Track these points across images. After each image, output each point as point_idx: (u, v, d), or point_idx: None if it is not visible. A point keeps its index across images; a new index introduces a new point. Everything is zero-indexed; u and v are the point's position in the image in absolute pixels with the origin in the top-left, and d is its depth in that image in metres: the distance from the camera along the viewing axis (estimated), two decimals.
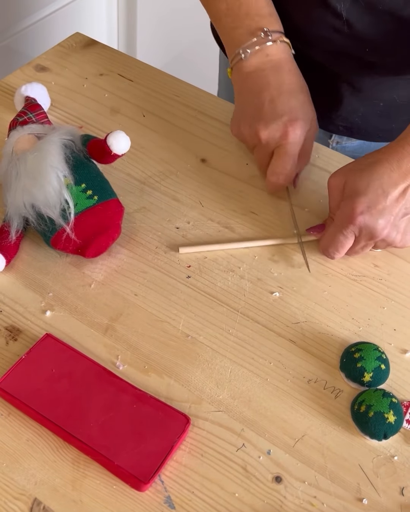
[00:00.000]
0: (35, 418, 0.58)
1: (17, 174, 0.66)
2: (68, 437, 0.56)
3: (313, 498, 0.56)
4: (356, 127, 0.87)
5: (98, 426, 0.56)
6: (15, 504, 0.54)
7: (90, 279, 0.69)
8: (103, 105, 0.87)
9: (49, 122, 0.75)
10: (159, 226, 0.74)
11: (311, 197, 0.78)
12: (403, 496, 0.57)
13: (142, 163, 0.80)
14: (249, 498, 0.56)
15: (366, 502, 0.56)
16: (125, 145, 0.68)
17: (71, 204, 0.65)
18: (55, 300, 0.67)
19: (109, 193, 0.69)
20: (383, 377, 0.62)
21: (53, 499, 0.55)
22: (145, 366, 0.63)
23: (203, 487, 0.56)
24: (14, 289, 0.67)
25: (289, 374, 0.63)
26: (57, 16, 1.44)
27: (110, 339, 0.64)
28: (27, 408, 0.57)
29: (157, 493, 0.55)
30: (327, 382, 0.63)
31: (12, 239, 0.68)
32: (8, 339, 0.64)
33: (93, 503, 0.55)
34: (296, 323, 0.67)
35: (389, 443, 0.59)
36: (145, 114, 0.86)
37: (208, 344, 0.65)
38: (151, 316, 0.66)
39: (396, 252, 0.74)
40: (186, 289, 0.69)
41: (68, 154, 0.67)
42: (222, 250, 0.71)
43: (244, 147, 0.82)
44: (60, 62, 0.92)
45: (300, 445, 0.59)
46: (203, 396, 0.61)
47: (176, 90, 0.90)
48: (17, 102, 0.80)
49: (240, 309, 0.68)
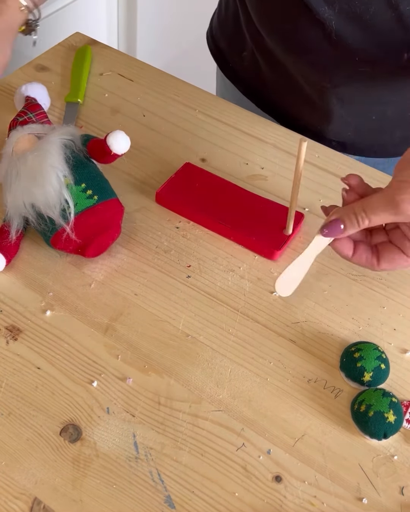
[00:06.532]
0: (188, 215, 0.75)
1: (17, 174, 0.66)
2: (215, 225, 0.73)
3: (313, 498, 0.56)
4: (350, 143, 0.87)
5: (235, 218, 0.73)
6: (15, 504, 0.54)
7: (90, 279, 0.69)
8: (103, 105, 0.87)
9: (49, 122, 0.75)
10: (159, 226, 0.74)
11: (311, 197, 0.78)
12: (403, 495, 0.57)
13: (142, 163, 0.80)
14: (249, 498, 0.56)
15: (366, 502, 0.56)
16: (125, 145, 0.68)
17: (71, 204, 0.65)
18: (55, 299, 0.67)
19: (109, 193, 0.69)
20: (383, 377, 0.62)
21: (53, 498, 0.55)
22: (146, 366, 0.63)
23: (204, 487, 0.56)
24: (14, 289, 0.67)
25: (289, 373, 0.63)
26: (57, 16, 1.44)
27: (110, 338, 0.64)
28: (183, 207, 0.74)
29: (157, 492, 0.55)
30: (327, 381, 0.63)
31: (12, 239, 0.68)
32: (8, 338, 0.64)
33: (93, 503, 0.55)
34: (296, 322, 0.67)
35: (389, 442, 0.59)
36: (145, 114, 0.86)
37: (208, 344, 0.65)
38: (151, 316, 0.66)
39: None
40: (187, 289, 0.69)
41: (68, 154, 0.67)
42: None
43: (244, 147, 0.82)
44: (60, 62, 0.92)
45: (300, 444, 0.59)
46: (203, 396, 0.61)
47: (176, 90, 0.90)
48: (17, 102, 0.80)
49: (240, 309, 0.68)
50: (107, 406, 0.60)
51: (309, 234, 0.74)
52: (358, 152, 0.86)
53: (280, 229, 0.73)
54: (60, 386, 0.61)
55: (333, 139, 0.86)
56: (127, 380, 0.62)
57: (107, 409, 0.60)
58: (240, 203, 0.75)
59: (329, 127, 0.85)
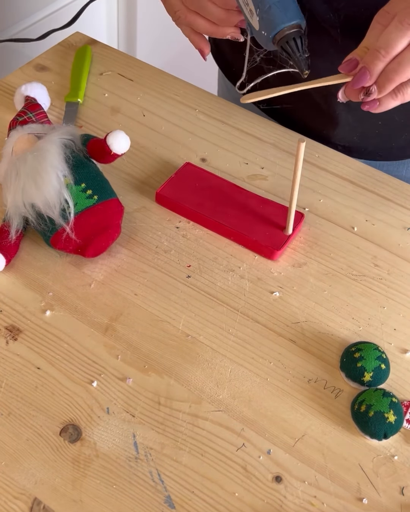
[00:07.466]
0: (188, 215, 0.75)
1: (17, 174, 0.66)
2: (216, 225, 0.73)
3: (313, 498, 0.56)
4: (355, 147, 0.87)
5: (235, 218, 0.73)
6: (15, 504, 0.54)
7: (90, 279, 0.69)
8: (103, 104, 0.87)
9: (49, 122, 0.75)
10: (159, 226, 0.74)
11: (311, 197, 0.78)
12: (403, 495, 0.57)
13: (142, 163, 0.80)
14: (249, 498, 0.56)
15: (366, 502, 0.56)
16: (125, 144, 0.68)
17: (71, 203, 0.65)
18: (55, 299, 0.67)
19: (109, 193, 0.69)
20: (383, 377, 0.62)
21: (53, 498, 0.55)
22: (145, 366, 0.63)
23: (204, 487, 0.56)
24: (14, 289, 0.67)
25: (289, 373, 0.63)
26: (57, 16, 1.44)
27: (110, 338, 0.64)
28: (183, 207, 0.74)
29: (157, 493, 0.55)
30: (327, 381, 0.63)
31: (12, 239, 0.68)
32: (8, 338, 0.64)
33: (93, 503, 0.55)
34: (296, 322, 0.67)
35: (389, 442, 0.59)
36: (145, 114, 0.86)
37: (207, 344, 0.65)
38: (151, 316, 0.66)
39: (396, 252, 0.74)
40: (186, 289, 0.69)
41: (68, 153, 0.67)
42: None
43: (244, 147, 0.82)
44: (60, 62, 0.92)
45: (300, 444, 0.59)
46: (203, 396, 0.61)
47: (176, 90, 0.90)
48: (17, 101, 0.80)
49: (240, 309, 0.68)
50: (107, 406, 0.60)
51: (309, 234, 0.74)
52: (364, 156, 0.86)
53: (280, 229, 0.73)
54: (60, 386, 0.61)
55: (338, 143, 0.86)
56: (127, 380, 0.62)
57: (107, 409, 0.60)
58: (240, 203, 0.75)
59: (335, 131, 0.85)
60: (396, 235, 0.75)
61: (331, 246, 0.74)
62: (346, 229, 0.75)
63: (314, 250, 0.73)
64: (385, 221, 0.77)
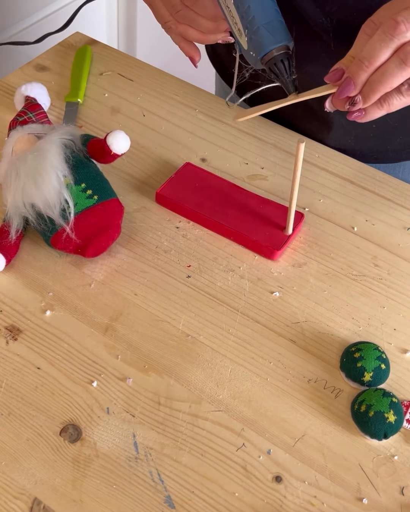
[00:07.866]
0: (188, 215, 0.75)
1: (17, 174, 0.66)
2: (216, 225, 0.73)
3: (313, 498, 0.56)
4: (350, 149, 0.87)
5: (235, 218, 0.73)
6: (15, 504, 0.54)
7: (90, 279, 0.69)
8: (103, 104, 0.87)
9: (49, 122, 0.75)
10: (159, 226, 0.74)
11: (311, 197, 0.78)
12: (403, 495, 0.57)
13: (142, 163, 0.80)
14: (249, 498, 0.56)
15: (366, 502, 0.56)
16: (125, 144, 0.68)
17: (71, 204, 0.65)
18: (55, 299, 0.67)
19: (109, 193, 0.69)
20: (383, 377, 0.62)
21: (53, 498, 0.55)
22: (145, 366, 0.63)
23: (204, 487, 0.56)
24: (14, 289, 0.67)
25: (289, 373, 0.63)
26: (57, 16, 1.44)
27: (110, 338, 0.64)
28: (183, 207, 0.74)
29: (157, 493, 0.55)
30: (327, 381, 0.63)
31: (12, 239, 0.68)
32: (8, 339, 0.64)
33: (93, 503, 0.55)
34: (296, 322, 0.67)
35: (389, 442, 0.59)
36: (145, 114, 0.86)
37: (207, 344, 0.65)
38: (151, 316, 0.66)
39: (396, 252, 0.74)
40: (186, 289, 0.69)
41: (68, 153, 0.67)
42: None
43: (244, 147, 0.82)
44: (60, 62, 0.92)
45: (300, 444, 0.59)
46: (203, 396, 0.61)
47: (176, 90, 0.90)
48: (17, 101, 0.80)
49: (240, 309, 0.68)
50: (107, 406, 0.60)
51: (309, 234, 0.74)
52: (359, 158, 0.86)
53: (280, 229, 0.73)
54: (60, 386, 0.61)
55: (333, 146, 0.86)
56: (127, 380, 0.62)
57: (107, 409, 0.60)
58: (240, 203, 0.75)
59: (329, 134, 0.85)
60: (396, 235, 0.75)
61: (331, 246, 0.74)
62: (346, 229, 0.75)
63: (314, 250, 0.73)
64: (385, 221, 0.77)
